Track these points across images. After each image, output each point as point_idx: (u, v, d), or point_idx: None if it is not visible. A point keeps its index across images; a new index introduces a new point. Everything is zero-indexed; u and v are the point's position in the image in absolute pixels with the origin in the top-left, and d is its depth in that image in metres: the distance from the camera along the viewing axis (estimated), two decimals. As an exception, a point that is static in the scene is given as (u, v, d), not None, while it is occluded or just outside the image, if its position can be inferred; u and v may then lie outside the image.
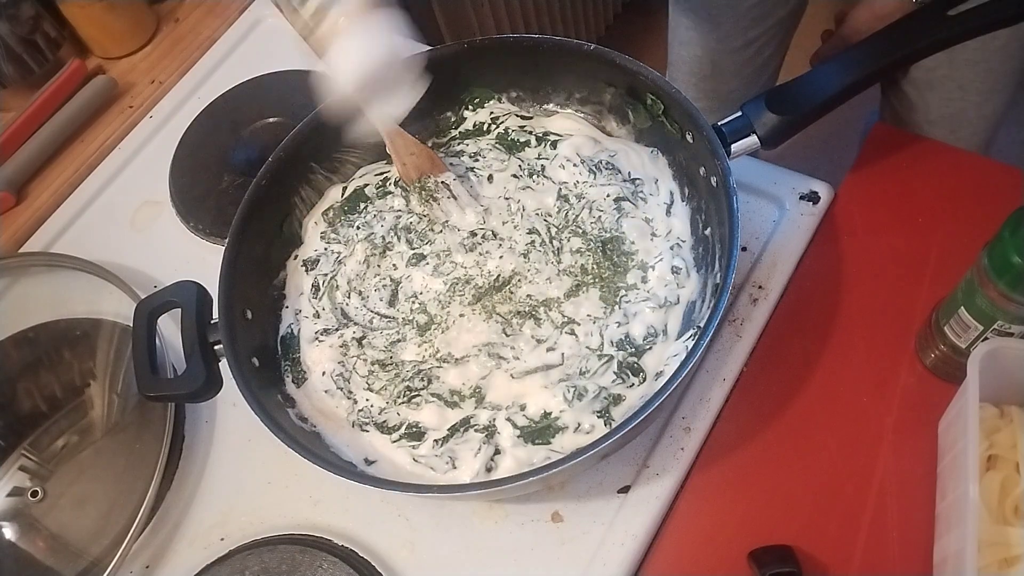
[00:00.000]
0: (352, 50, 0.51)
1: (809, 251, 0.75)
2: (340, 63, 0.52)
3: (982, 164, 0.81)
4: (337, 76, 0.52)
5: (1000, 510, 0.57)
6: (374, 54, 0.51)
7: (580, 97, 0.76)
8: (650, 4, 1.97)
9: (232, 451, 0.75)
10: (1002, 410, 0.61)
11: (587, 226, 0.70)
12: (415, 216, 0.73)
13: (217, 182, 0.89)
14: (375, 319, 0.70)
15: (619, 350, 0.65)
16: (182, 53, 1.02)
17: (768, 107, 0.64)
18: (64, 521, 0.73)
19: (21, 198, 0.93)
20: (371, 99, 0.56)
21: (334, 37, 0.51)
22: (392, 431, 0.65)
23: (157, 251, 0.87)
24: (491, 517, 0.67)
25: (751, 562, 0.61)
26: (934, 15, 0.64)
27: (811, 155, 1.54)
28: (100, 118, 0.98)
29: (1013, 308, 0.56)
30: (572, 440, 0.62)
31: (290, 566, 0.66)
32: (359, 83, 0.52)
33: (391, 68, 0.53)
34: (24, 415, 0.78)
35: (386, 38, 0.52)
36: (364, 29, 0.51)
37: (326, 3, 0.51)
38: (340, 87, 0.53)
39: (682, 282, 0.67)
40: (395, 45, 0.52)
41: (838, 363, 0.70)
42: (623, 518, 0.65)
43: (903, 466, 0.65)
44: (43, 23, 0.97)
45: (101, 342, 0.80)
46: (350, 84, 0.52)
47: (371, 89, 0.54)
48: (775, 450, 0.67)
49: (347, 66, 0.51)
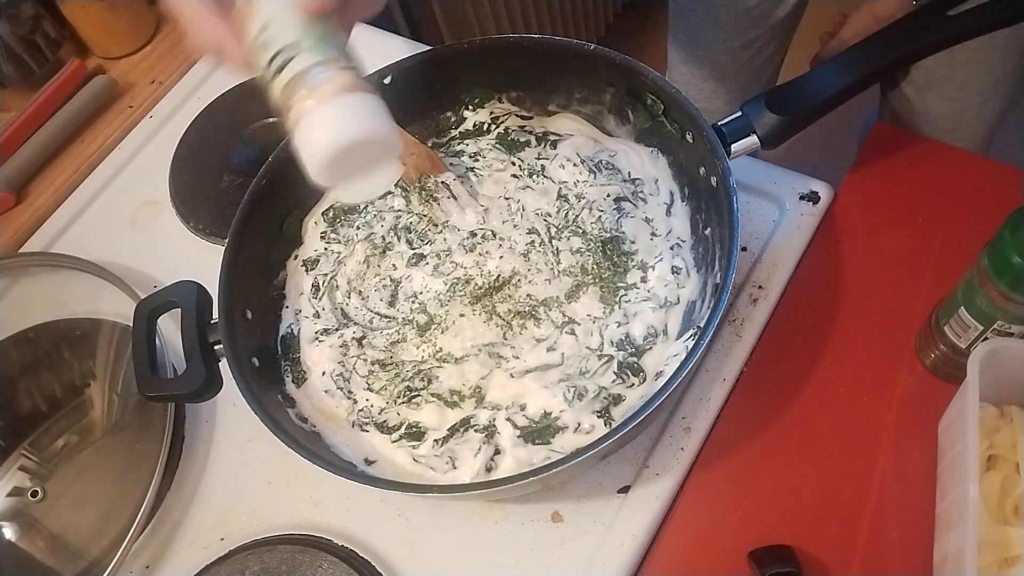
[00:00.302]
0: (316, 133, 0.47)
1: (809, 251, 0.75)
2: (304, 145, 0.48)
3: (982, 164, 0.81)
4: (303, 159, 0.49)
5: (1000, 510, 0.57)
6: (341, 137, 0.47)
7: (580, 97, 0.76)
8: (650, 4, 1.97)
9: (232, 451, 0.75)
10: (1002, 410, 0.61)
11: (587, 226, 0.70)
12: (415, 216, 0.73)
13: (217, 182, 0.89)
14: (375, 319, 0.70)
15: (619, 350, 0.65)
16: (182, 53, 1.02)
17: (768, 107, 0.64)
18: (64, 521, 0.73)
19: (21, 198, 0.93)
20: (338, 184, 0.52)
21: (302, 116, 0.48)
22: (392, 431, 0.65)
23: (157, 251, 0.87)
24: (491, 517, 0.67)
25: (751, 562, 0.61)
26: (934, 15, 0.64)
27: (811, 155, 1.54)
28: (100, 118, 0.98)
29: (1013, 308, 0.56)
30: (572, 440, 0.62)
31: (290, 566, 0.66)
32: (322, 167, 0.48)
33: (360, 153, 0.49)
34: (24, 415, 0.78)
35: (357, 120, 0.48)
36: (333, 110, 0.47)
37: (296, 79, 0.48)
38: (305, 172, 0.49)
39: (682, 282, 0.67)
40: (366, 128, 0.48)
41: (838, 363, 0.70)
42: (623, 518, 0.65)
43: (903, 466, 0.65)
44: (43, 23, 0.97)
45: (101, 342, 0.80)
46: (315, 169, 0.49)
47: (337, 174, 0.50)
48: (775, 450, 0.67)
49: (310, 149, 0.48)
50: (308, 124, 0.48)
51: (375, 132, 0.49)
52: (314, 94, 0.48)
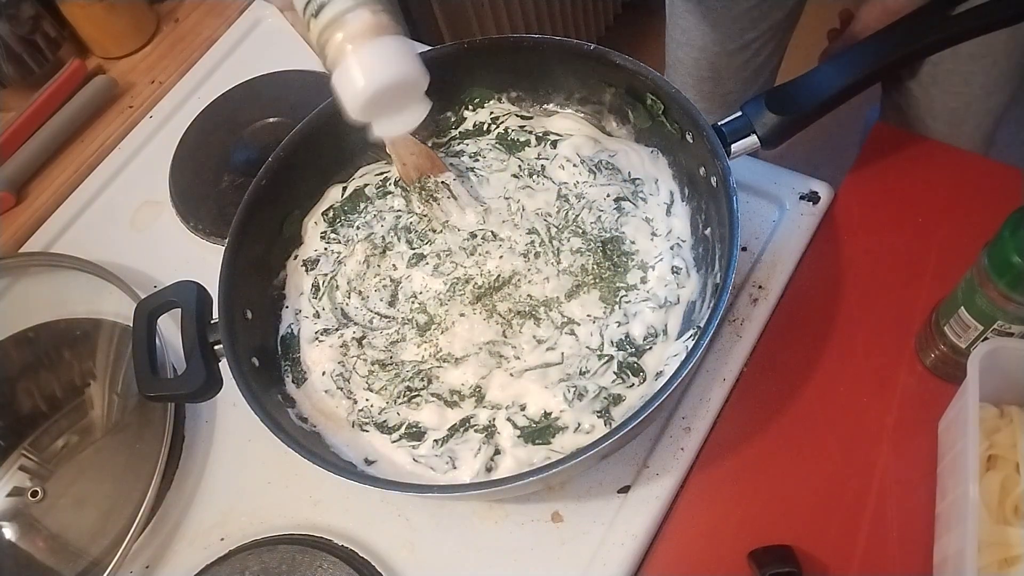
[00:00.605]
0: (354, 75, 0.52)
1: (809, 251, 0.75)
2: (343, 87, 0.53)
3: (982, 164, 0.81)
4: (341, 99, 0.54)
5: (1000, 510, 0.57)
6: (376, 79, 0.52)
7: (580, 97, 0.76)
8: (650, 4, 1.97)
9: (232, 451, 0.75)
10: (1002, 410, 0.61)
11: (587, 226, 0.70)
12: (415, 216, 0.73)
13: (217, 182, 0.89)
14: (375, 319, 0.70)
15: (619, 350, 0.65)
16: (182, 53, 1.02)
17: (768, 107, 0.64)
18: (64, 521, 0.73)
19: (21, 198, 0.93)
20: (375, 120, 0.57)
21: (340, 59, 0.52)
22: (392, 431, 0.65)
23: (157, 251, 0.87)
24: (491, 517, 0.67)
25: (751, 562, 0.61)
26: (934, 15, 0.64)
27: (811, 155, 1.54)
28: (100, 118, 0.98)
29: (1013, 308, 0.56)
30: (572, 440, 0.62)
31: (290, 566, 0.66)
32: (361, 107, 0.53)
33: (393, 92, 0.54)
34: (24, 415, 0.78)
35: (389, 63, 0.52)
36: (368, 54, 0.52)
37: (333, 23, 0.52)
38: (345, 109, 0.54)
39: (682, 282, 0.67)
40: (398, 70, 0.53)
41: (838, 363, 0.70)
42: (623, 518, 0.65)
43: (903, 466, 0.65)
44: (43, 23, 0.97)
45: (101, 342, 0.80)
46: (353, 108, 0.54)
47: (374, 112, 0.55)
48: (775, 450, 0.67)
49: (350, 91, 0.53)
50: (345, 67, 0.52)
51: (407, 73, 0.53)
52: (349, 37, 0.52)
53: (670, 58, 1.08)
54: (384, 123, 0.58)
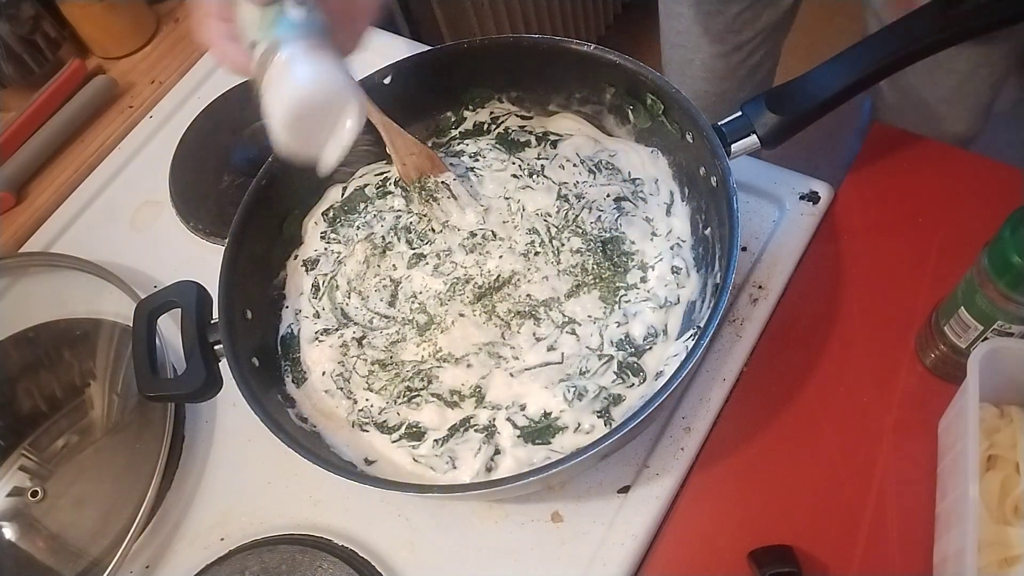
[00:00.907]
0: (270, 110, 0.49)
1: (809, 251, 0.75)
2: (267, 123, 0.50)
3: (982, 164, 0.81)
4: (269, 127, 0.51)
5: (1000, 510, 0.57)
6: (284, 110, 0.49)
7: (580, 97, 0.76)
8: (650, 4, 1.96)
9: (232, 451, 0.75)
10: (1002, 410, 0.61)
11: (587, 226, 0.70)
12: (415, 216, 0.73)
13: (217, 182, 0.89)
14: (375, 319, 0.70)
15: (619, 350, 0.65)
16: (182, 53, 1.02)
17: (768, 107, 0.64)
18: (64, 521, 0.73)
19: (21, 198, 0.93)
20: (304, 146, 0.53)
21: (262, 97, 0.50)
22: (392, 431, 0.65)
23: (157, 251, 0.87)
24: (491, 517, 0.67)
25: (751, 562, 0.61)
26: (934, 15, 0.64)
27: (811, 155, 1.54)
28: (100, 118, 0.98)
29: (1013, 308, 0.56)
30: (572, 440, 0.62)
31: (290, 566, 0.66)
32: (282, 139, 0.50)
33: (315, 114, 0.50)
34: (24, 415, 0.78)
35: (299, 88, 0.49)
36: (280, 85, 0.49)
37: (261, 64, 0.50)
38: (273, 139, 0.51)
39: (682, 282, 0.67)
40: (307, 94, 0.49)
41: (838, 363, 0.70)
42: (623, 518, 0.65)
43: (903, 466, 0.65)
44: (43, 23, 0.97)
45: (101, 342, 0.80)
46: (277, 141, 0.51)
47: (301, 140, 0.52)
48: (775, 450, 0.67)
49: (269, 126, 0.50)
50: (265, 102, 0.50)
51: (318, 91, 0.50)
52: (269, 73, 0.50)
53: (664, 58, 1.08)
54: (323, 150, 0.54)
